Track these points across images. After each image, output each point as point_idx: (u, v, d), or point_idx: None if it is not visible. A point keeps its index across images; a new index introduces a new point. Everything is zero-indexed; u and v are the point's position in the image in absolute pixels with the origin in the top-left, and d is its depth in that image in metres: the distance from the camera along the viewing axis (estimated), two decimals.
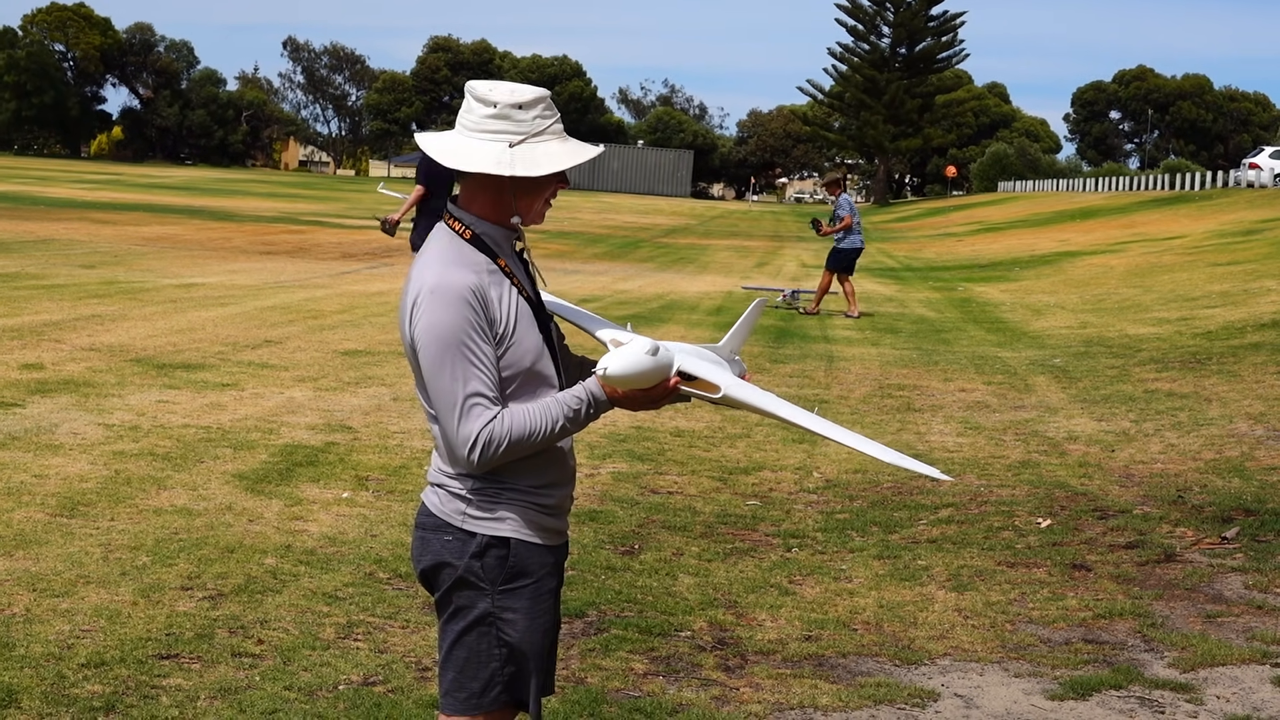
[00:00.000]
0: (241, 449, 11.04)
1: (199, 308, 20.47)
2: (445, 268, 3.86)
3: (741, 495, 10.67)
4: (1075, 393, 15.90)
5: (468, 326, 3.79)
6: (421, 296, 3.84)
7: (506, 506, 3.94)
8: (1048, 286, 32.24)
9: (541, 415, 3.87)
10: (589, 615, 7.56)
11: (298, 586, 7.69)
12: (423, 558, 4.03)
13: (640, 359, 3.84)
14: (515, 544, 3.95)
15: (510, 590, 3.95)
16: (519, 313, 3.93)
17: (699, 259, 43.45)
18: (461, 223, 3.98)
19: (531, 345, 3.93)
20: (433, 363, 3.81)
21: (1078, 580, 8.58)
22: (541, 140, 3.93)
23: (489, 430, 3.79)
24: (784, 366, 17.67)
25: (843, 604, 8.03)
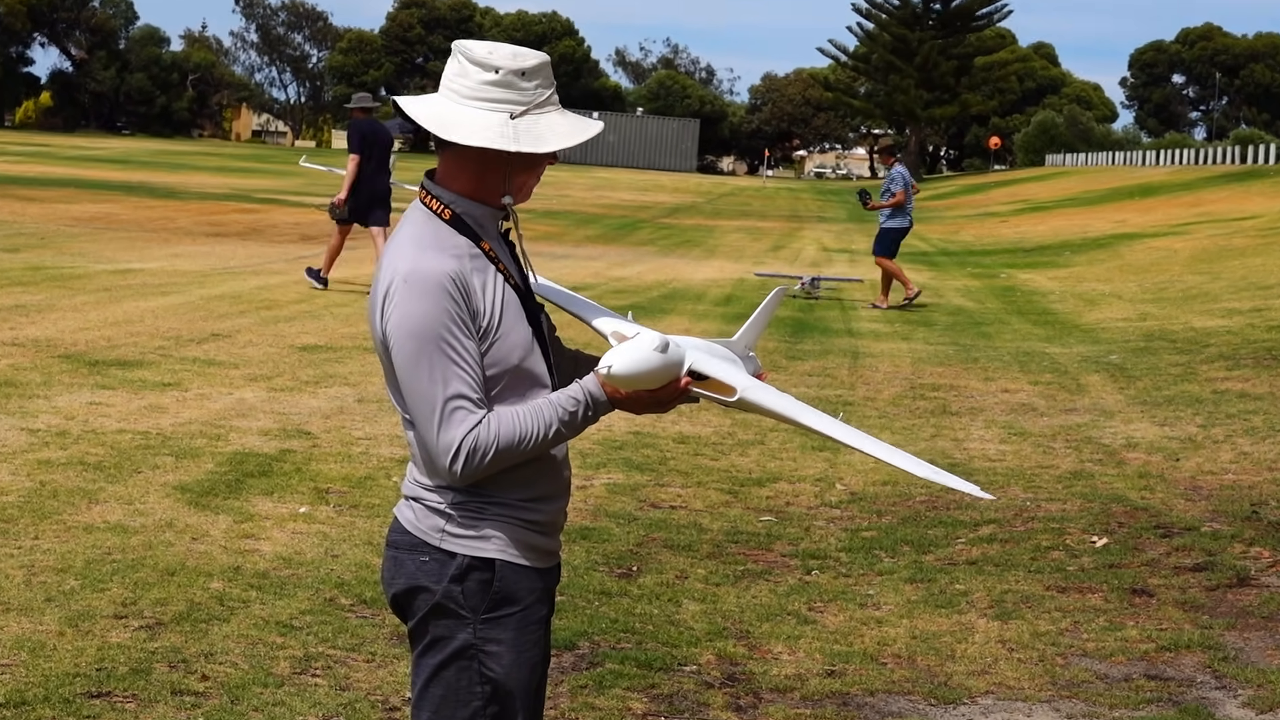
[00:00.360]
0: (184, 457, 11.01)
1: (137, 297, 20.44)
2: (421, 253, 3.84)
3: (754, 510, 10.64)
4: (1134, 394, 15.88)
5: (447, 319, 3.78)
6: (394, 286, 3.82)
7: (492, 523, 3.93)
8: (1102, 273, 32.24)
9: (533, 419, 3.85)
10: (580, 647, 7.53)
11: (248, 614, 7.65)
12: (395, 580, 4.02)
13: (648, 356, 3.84)
14: (501, 566, 3.93)
15: (495, 619, 3.93)
16: (505, 303, 3.91)
17: (706, 242, 43.47)
18: (440, 201, 3.96)
19: (519, 340, 3.92)
20: (408, 361, 3.80)
21: (1138, 607, 8.55)
22: (544, 112, 3.94)
23: (473, 437, 3.78)
24: (802, 364, 17.65)
25: (870, 634, 8.00)
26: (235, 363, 15.37)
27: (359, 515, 9.75)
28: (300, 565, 8.56)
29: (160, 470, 10.58)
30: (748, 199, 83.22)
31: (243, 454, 11.24)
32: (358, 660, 7.15)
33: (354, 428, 12.47)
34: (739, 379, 4.05)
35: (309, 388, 14.21)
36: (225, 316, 18.95)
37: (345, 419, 12.82)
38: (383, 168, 23.34)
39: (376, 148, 23.10)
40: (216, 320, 18.53)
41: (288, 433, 12.11)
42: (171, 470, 10.61)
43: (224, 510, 9.64)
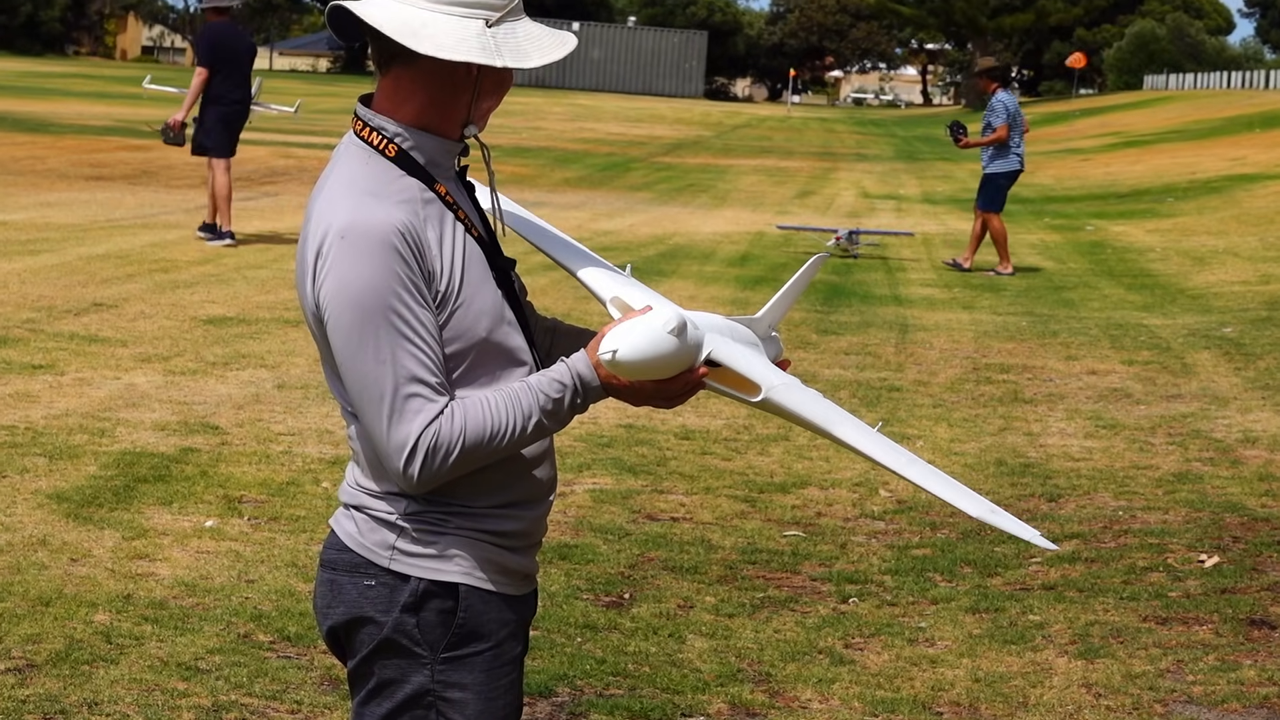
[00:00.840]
0: (60, 458, 11.05)
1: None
2: (359, 201, 3.80)
3: (777, 523, 10.69)
4: (1253, 375, 15.94)
5: (395, 284, 3.74)
6: (328, 244, 3.78)
7: (455, 539, 3.91)
8: (1214, 225, 32.29)
9: (508, 407, 3.82)
10: (559, 694, 7.58)
11: (141, 654, 7.70)
12: (332, 610, 3.99)
13: (661, 340, 3.79)
14: (466, 593, 3.92)
15: (458, 659, 3.92)
16: (468, 260, 3.89)
17: (715, 186, 43.49)
18: (382, 134, 3.92)
19: (487, 305, 3.89)
20: (349, 338, 3.76)
21: (1257, 642, 8.61)
22: (518, 19, 3.94)
23: (433, 432, 3.74)
24: (838, 339, 17.70)
25: (922, 677, 8.05)
26: (123, 339, 15.40)
27: (280, 530, 9.79)
28: (207, 593, 8.60)
29: (30, 474, 10.62)
30: (768, 132, 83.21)
31: (134, 454, 11.28)
32: (280, 710, 7.19)
33: (273, 421, 12.51)
34: (765, 375, 4.00)
35: (216, 371, 14.25)
36: (110, 281, 18.97)
37: (262, 410, 12.86)
38: (241, 85, 23.58)
39: (234, 60, 23.19)
40: (99, 286, 18.56)
41: (190, 427, 12.15)
42: (44, 474, 10.64)
43: (111, 524, 9.68)
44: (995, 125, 25.06)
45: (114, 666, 7.52)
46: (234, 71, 23.23)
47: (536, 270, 12.73)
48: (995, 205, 25.29)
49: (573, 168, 46.97)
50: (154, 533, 9.58)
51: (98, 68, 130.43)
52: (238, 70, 23.34)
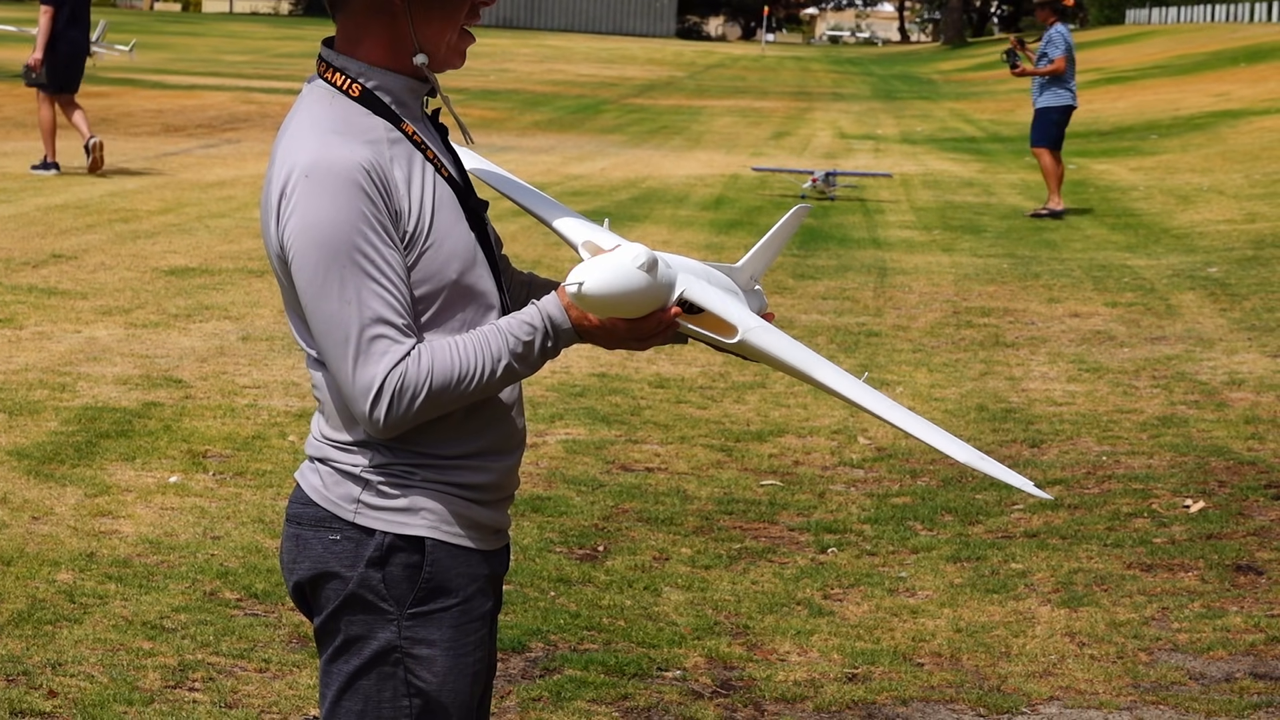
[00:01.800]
0: (20, 414, 11.05)
1: None
2: (323, 139, 3.79)
3: (754, 472, 10.72)
4: (1239, 316, 15.97)
5: (361, 223, 3.72)
6: (292, 183, 3.76)
7: (422, 491, 3.89)
8: (1199, 162, 32.30)
9: (476, 350, 3.80)
10: (533, 649, 7.60)
11: (106, 612, 7.71)
12: (298, 565, 3.98)
13: (630, 275, 3.75)
14: (433, 547, 3.90)
15: (425, 614, 3.90)
16: (438, 200, 3.87)
17: (689, 128, 43.46)
18: (345, 74, 3.91)
19: (458, 247, 3.88)
20: (313, 278, 3.75)
21: (1243, 589, 8.65)
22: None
23: (399, 373, 3.72)
24: (815, 284, 17.71)
25: (903, 627, 8.09)
26: (83, 292, 15.38)
27: (246, 485, 9.80)
28: (172, 550, 8.62)
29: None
30: (742, 71, 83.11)
31: (95, 409, 11.28)
32: (248, 669, 7.21)
33: (238, 374, 12.51)
34: (742, 316, 3.97)
35: (179, 323, 14.24)
36: (69, 232, 18.94)
37: (226, 362, 12.85)
38: (79, 22, 24.27)
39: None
40: (57, 237, 18.52)
41: (153, 381, 12.14)
42: (4, 431, 10.65)
43: (73, 481, 9.68)
44: (1053, 57, 24.83)
45: (78, 626, 7.54)
46: (75, 8, 23.90)
47: (506, 216, 12.71)
48: (1048, 141, 25.03)
49: (542, 110, 46.91)
50: (117, 489, 9.59)
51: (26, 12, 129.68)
52: (79, 6, 23.85)
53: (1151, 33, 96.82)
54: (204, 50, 71.23)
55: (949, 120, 49.72)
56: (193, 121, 36.90)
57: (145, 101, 41.16)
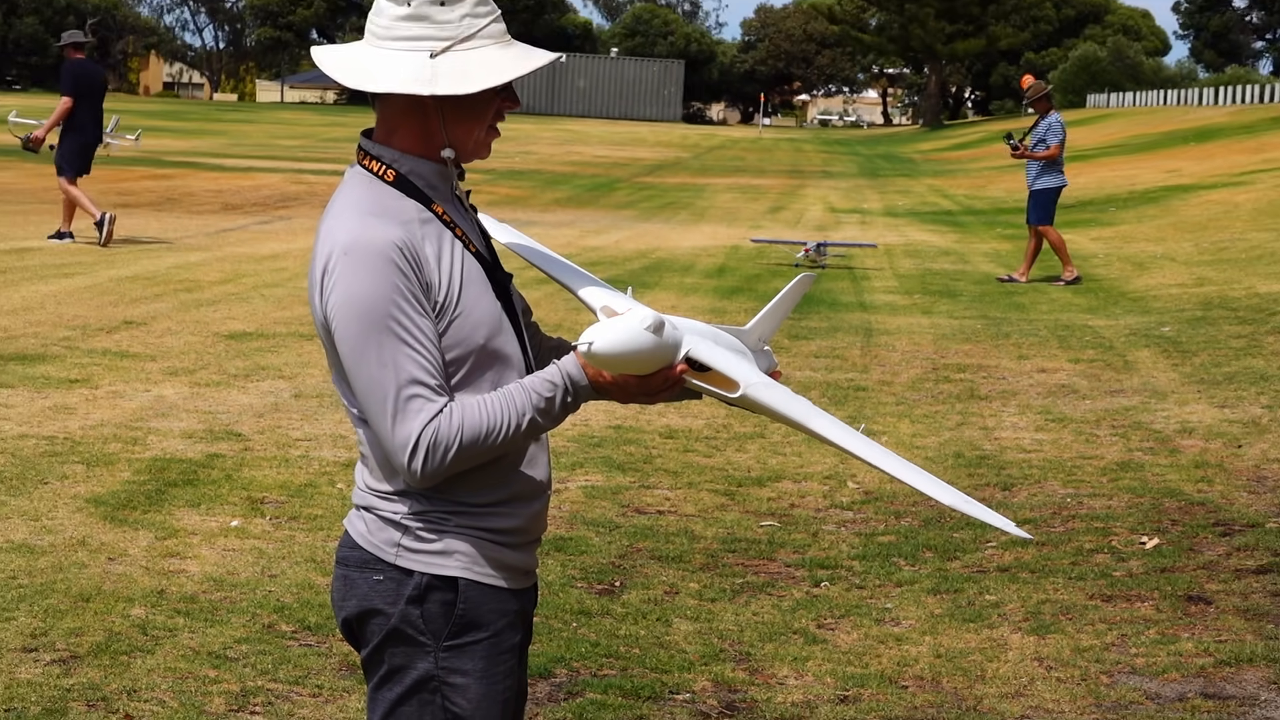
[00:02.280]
0: (97, 465, 11.06)
1: (36, 280, 20.46)
2: (361, 220, 3.83)
3: (754, 514, 10.73)
4: (1190, 371, 15.97)
5: (395, 295, 3.76)
6: (334, 260, 3.80)
7: (456, 536, 3.92)
8: (1152, 232, 32.31)
9: (502, 407, 3.83)
10: (557, 675, 7.61)
11: (175, 644, 7.73)
12: (346, 602, 4.01)
13: (637, 336, 3.78)
14: (465, 586, 3.93)
15: (459, 647, 3.93)
16: (465, 273, 3.90)
17: (694, 204, 43.49)
18: (381, 161, 3.95)
19: (485, 316, 3.91)
20: (354, 345, 3.78)
21: (1194, 617, 8.65)
22: (473, 46, 3.91)
23: (433, 429, 3.75)
24: (808, 343, 17.74)
25: (888, 654, 8.09)
26: (152, 354, 15.41)
27: (299, 528, 9.82)
28: (234, 587, 8.64)
29: (70, 481, 10.64)
30: (741, 152, 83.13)
31: (164, 460, 11.31)
32: (302, 694, 7.22)
33: (291, 427, 12.54)
34: (744, 373, 3.99)
35: (238, 382, 14.27)
36: (139, 301, 18.98)
37: (281, 417, 12.88)
38: (96, 116, 25.03)
39: (92, 93, 24.66)
40: (129, 305, 18.56)
41: (215, 434, 12.17)
42: (83, 480, 10.66)
43: (144, 525, 9.71)
44: (1051, 144, 24.74)
45: (150, 656, 7.55)
46: (93, 103, 24.84)
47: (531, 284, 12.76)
48: (1050, 218, 24.95)
49: (562, 188, 46.95)
50: (184, 532, 9.62)
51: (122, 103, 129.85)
52: (96, 102, 24.90)
53: (1110, 115, 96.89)
54: (259, 136, 71.34)
55: (928, 195, 49.75)
56: (249, 200, 36.97)
57: (206, 183, 41.25)
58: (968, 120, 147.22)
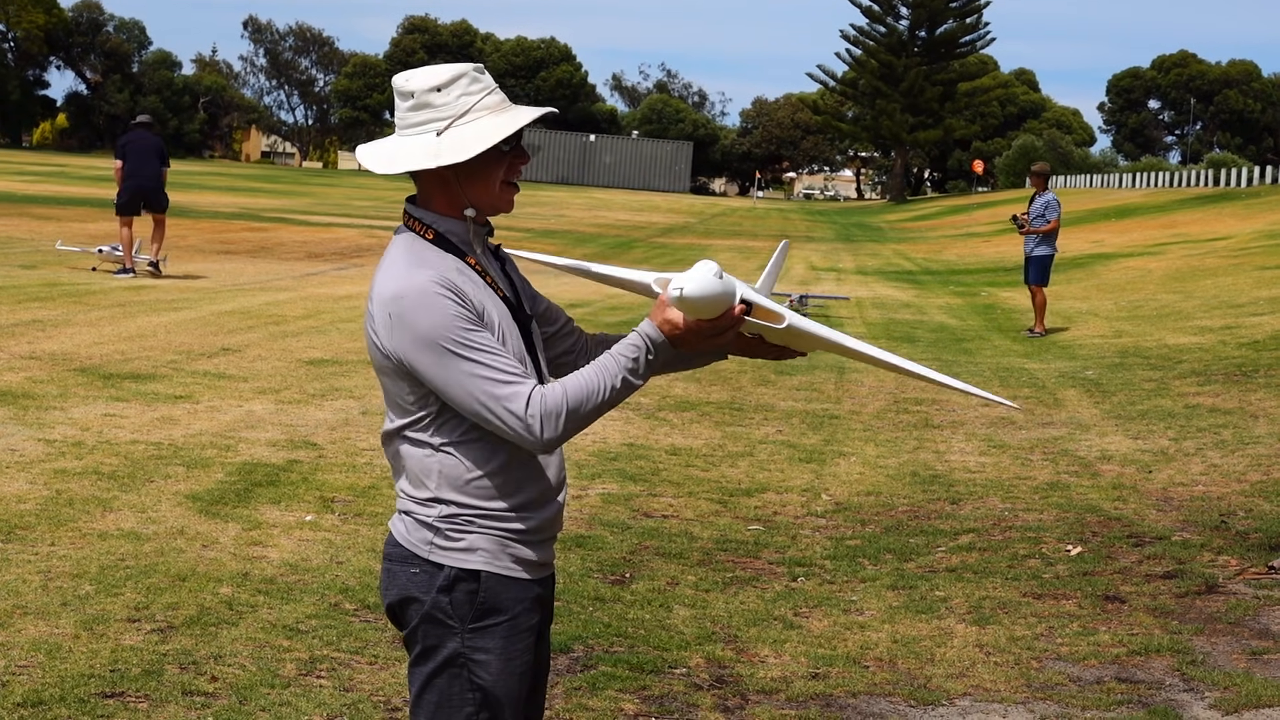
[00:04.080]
0: (195, 467, 11.03)
1: (150, 312, 20.47)
2: (407, 270, 3.83)
3: (743, 519, 10.67)
4: (1109, 408, 15.92)
5: (455, 318, 3.76)
6: (393, 309, 3.81)
7: (478, 535, 3.90)
8: (1079, 292, 32.27)
9: (598, 373, 3.83)
10: (575, 650, 7.56)
11: (255, 618, 7.69)
12: (389, 591, 4.01)
13: (713, 281, 3.84)
14: (486, 577, 3.91)
15: (481, 629, 3.91)
16: (500, 315, 3.90)
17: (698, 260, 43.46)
18: (422, 223, 3.96)
19: (515, 351, 3.90)
20: (440, 373, 3.77)
21: (1111, 613, 8.59)
22: (470, 120, 3.90)
23: (539, 401, 3.75)
24: (790, 379, 17.69)
25: (853, 639, 8.03)
26: (244, 376, 15.40)
27: (363, 523, 9.78)
28: (306, 571, 8.59)
29: (172, 480, 10.61)
30: (739, 219, 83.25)
31: (251, 464, 11.27)
32: (361, 663, 7.18)
33: (359, 439, 12.50)
34: (784, 310, 4.08)
35: (315, 400, 14.24)
36: (235, 331, 18.97)
37: (350, 430, 12.84)
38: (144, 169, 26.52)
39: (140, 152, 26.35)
40: (226, 335, 18.56)
41: (295, 444, 12.14)
42: (183, 480, 10.64)
43: (233, 518, 9.67)
44: (1050, 219, 24.33)
45: (234, 628, 7.51)
46: (138, 161, 26.35)
47: None
48: (1045, 280, 24.50)
49: (590, 246, 46.99)
50: (266, 525, 9.57)
51: (227, 168, 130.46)
52: (140, 160, 26.34)
53: None
54: (338, 197, 71.48)
55: (893, 258, 49.74)
56: (329, 250, 37.00)
57: (294, 235, 41.30)
58: (927, 196, 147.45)
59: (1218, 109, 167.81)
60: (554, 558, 4.13)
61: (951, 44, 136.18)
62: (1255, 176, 78.00)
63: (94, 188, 63.91)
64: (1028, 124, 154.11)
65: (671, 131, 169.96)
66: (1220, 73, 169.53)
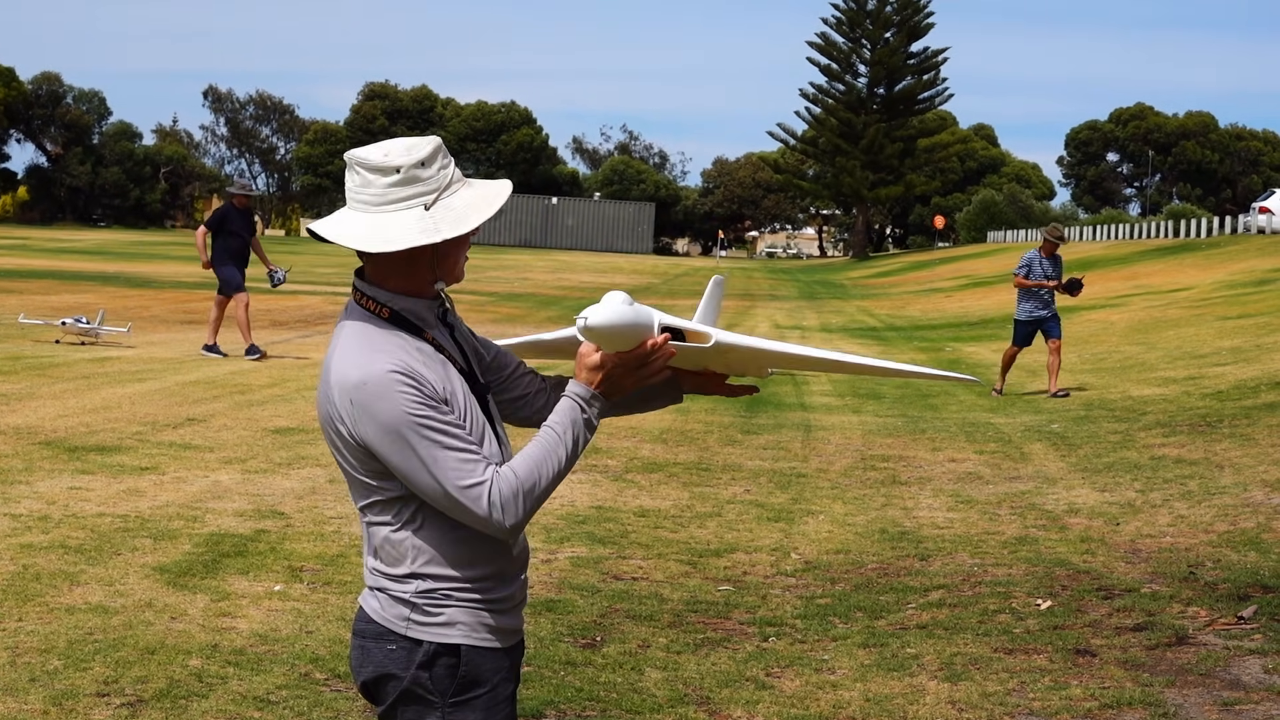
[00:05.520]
0: (162, 539, 10.99)
1: (114, 384, 20.40)
2: (368, 356, 3.82)
3: (713, 580, 10.66)
4: (1075, 461, 15.96)
5: (413, 406, 3.75)
6: (353, 398, 3.80)
7: (456, 609, 3.90)
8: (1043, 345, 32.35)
9: (541, 450, 3.86)
10: (547, 716, 7.54)
11: (226, 690, 7.65)
12: (363, 669, 3.99)
13: (619, 308, 3.85)
14: (466, 651, 3.91)
15: (463, 702, 3.91)
16: (463, 390, 3.91)
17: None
18: (377, 301, 3.93)
19: (477, 423, 3.91)
20: (403, 460, 3.77)
21: (1082, 667, 8.60)
22: (452, 192, 3.90)
23: (498, 490, 3.76)
24: (757, 437, 17.70)
25: (826, 698, 8.03)
26: (210, 446, 15.36)
27: (332, 592, 9.75)
28: (276, 642, 8.56)
29: (139, 552, 10.57)
30: (702, 279, 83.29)
31: (219, 535, 11.24)
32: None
33: (326, 507, 12.47)
34: (710, 329, 4.10)
35: (282, 469, 14.21)
36: (200, 401, 18.92)
37: (318, 499, 12.81)
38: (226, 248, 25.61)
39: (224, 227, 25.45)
40: (191, 405, 18.50)
41: (262, 513, 12.10)
42: (150, 552, 10.59)
43: (201, 590, 9.64)
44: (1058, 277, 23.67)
45: (205, 700, 7.48)
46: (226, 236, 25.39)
47: None
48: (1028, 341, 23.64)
49: (554, 308, 47.00)
50: (235, 595, 9.54)
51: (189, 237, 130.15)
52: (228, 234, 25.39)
53: (1006, 248, 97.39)
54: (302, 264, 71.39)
55: (856, 315, 49.88)
56: (294, 317, 36.95)
57: (258, 304, 41.17)
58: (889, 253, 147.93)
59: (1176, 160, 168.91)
60: (524, 624, 4.14)
61: (910, 100, 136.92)
62: (1215, 227, 78.52)
63: (57, 260, 63.78)
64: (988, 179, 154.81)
65: (633, 192, 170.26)
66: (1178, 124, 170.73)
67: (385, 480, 3.87)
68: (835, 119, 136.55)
